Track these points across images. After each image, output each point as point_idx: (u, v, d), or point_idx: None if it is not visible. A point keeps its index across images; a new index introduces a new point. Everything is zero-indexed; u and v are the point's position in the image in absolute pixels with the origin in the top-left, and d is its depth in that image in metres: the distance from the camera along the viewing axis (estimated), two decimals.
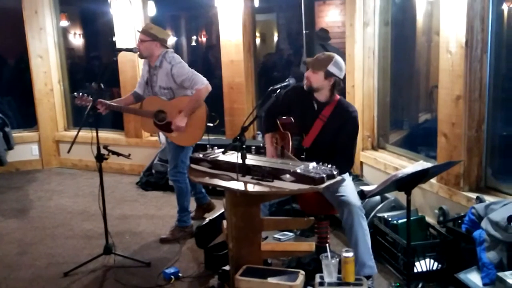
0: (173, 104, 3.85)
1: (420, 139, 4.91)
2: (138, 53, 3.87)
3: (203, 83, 3.80)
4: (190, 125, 3.83)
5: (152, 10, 6.03)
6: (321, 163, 2.73)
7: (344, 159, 3.13)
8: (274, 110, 3.35)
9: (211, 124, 3.99)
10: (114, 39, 6.06)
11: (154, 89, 3.92)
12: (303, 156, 3.14)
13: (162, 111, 3.88)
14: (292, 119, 3.35)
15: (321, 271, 2.65)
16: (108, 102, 3.86)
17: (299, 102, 3.27)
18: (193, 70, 3.86)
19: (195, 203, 4.49)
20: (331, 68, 3.08)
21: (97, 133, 3.50)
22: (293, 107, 3.33)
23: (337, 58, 3.12)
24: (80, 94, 3.82)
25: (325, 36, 6.64)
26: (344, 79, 3.20)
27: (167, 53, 3.86)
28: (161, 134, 3.95)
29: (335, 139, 3.15)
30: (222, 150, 3.04)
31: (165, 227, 4.29)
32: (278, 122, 3.41)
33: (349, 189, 3.07)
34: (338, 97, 3.22)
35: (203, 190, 4.45)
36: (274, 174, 2.66)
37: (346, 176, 3.19)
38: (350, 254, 2.60)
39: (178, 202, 4.08)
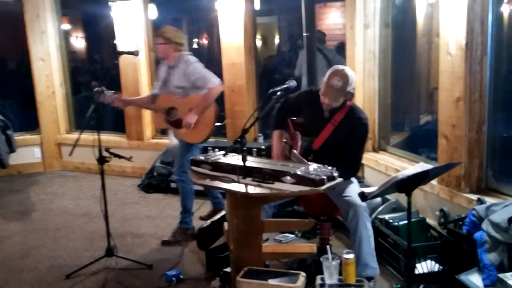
0: (184, 102, 3.97)
1: (420, 141, 4.92)
2: (155, 54, 4.04)
3: (214, 83, 3.91)
4: (199, 123, 3.93)
5: (153, 13, 6.05)
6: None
7: (350, 164, 3.16)
8: (286, 108, 3.44)
9: (219, 123, 4.06)
10: (115, 42, 6.08)
11: (169, 87, 4.06)
12: (311, 158, 3.15)
13: (174, 108, 4.01)
14: (303, 120, 3.38)
15: (322, 273, 2.66)
16: (128, 98, 4.32)
17: (310, 105, 3.31)
18: (207, 70, 4.00)
19: (211, 207, 4.52)
20: (349, 88, 3.10)
21: (98, 135, 3.51)
22: (303, 109, 3.38)
23: (350, 76, 3.10)
24: (102, 89, 3.80)
25: (321, 38, 6.63)
26: None
27: (184, 56, 4.02)
28: (171, 135, 4.06)
29: (343, 144, 3.17)
30: (223, 152, 3.05)
31: (167, 229, 4.29)
32: (290, 121, 3.45)
33: (354, 190, 3.08)
34: (350, 103, 3.24)
35: (220, 196, 4.45)
36: (275, 176, 2.66)
37: (353, 179, 3.22)
38: (351, 256, 2.60)
39: (182, 203, 4.11)
